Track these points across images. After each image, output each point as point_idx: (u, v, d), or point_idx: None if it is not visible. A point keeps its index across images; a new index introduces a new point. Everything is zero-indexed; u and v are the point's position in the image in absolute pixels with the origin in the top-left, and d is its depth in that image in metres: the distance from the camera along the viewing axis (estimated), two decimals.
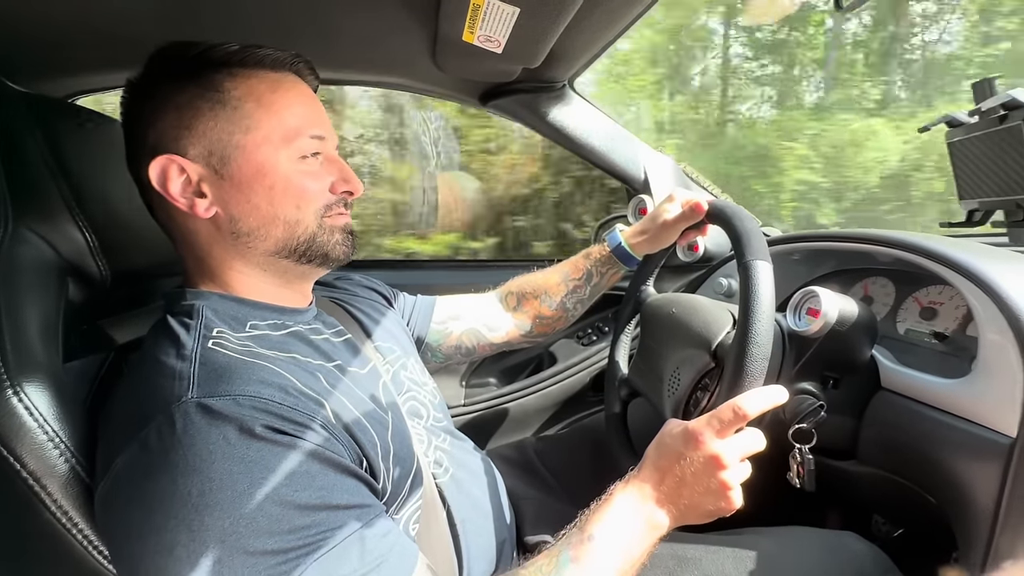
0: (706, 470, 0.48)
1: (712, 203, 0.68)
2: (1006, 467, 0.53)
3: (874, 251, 0.78)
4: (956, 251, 0.65)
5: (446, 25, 0.68)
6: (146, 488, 0.38)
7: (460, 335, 0.84)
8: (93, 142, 0.61)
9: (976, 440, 0.56)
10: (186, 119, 0.49)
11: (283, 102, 0.52)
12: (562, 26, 0.67)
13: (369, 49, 0.83)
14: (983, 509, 0.55)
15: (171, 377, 0.42)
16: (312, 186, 0.53)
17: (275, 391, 0.43)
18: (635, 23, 0.76)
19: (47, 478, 0.43)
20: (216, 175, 0.50)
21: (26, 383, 0.44)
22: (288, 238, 0.53)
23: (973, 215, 0.87)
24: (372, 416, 0.51)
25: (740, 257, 0.55)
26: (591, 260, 0.85)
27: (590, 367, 1.19)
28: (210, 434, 0.38)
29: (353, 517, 0.41)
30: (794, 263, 0.93)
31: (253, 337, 0.50)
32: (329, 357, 0.54)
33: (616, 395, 0.80)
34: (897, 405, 0.66)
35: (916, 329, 0.77)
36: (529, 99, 0.98)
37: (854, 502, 0.85)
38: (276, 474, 0.38)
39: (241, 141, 0.50)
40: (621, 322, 0.83)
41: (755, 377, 0.51)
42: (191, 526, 0.37)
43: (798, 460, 0.62)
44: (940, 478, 0.60)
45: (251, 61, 0.52)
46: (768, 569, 0.57)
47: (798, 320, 0.67)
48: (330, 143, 0.55)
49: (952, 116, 0.83)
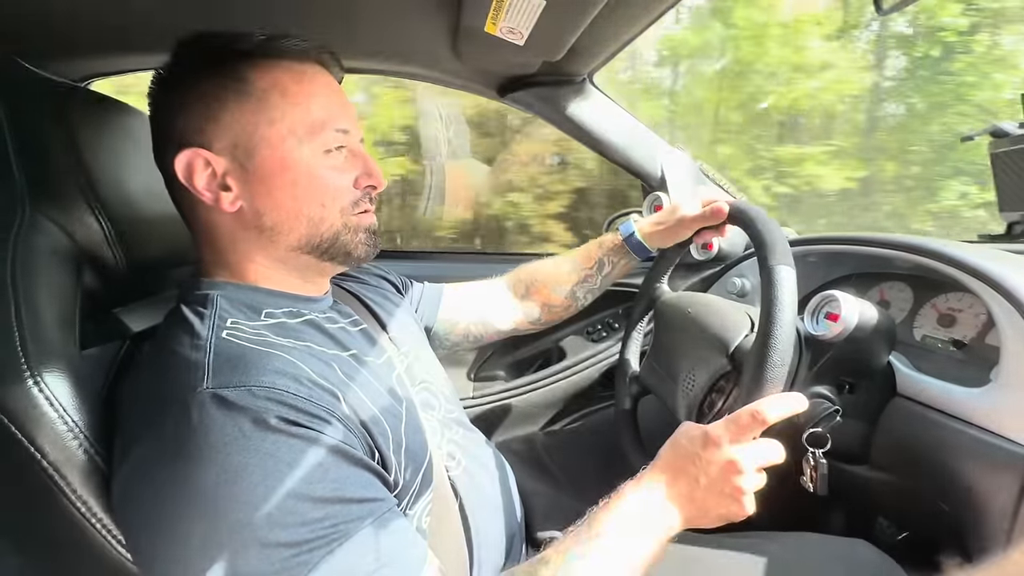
0: (721, 474, 0.48)
1: (734, 205, 0.67)
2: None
3: (892, 255, 0.77)
4: (979, 258, 0.64)
5: (469, 15, 0.67)
6: (162, 478, 0.39)
7: (468, 324, 0.84)
8: (111, 130, 0.60)
9: (994, 450, 0.56)
10: (212, 110, 0.49)
11: (307, 93, 0.51)
12: (587, 20, 0.66)
13: (390, 38, 0.82)
14: (999, 519, 0.55)
15: (186, 367, 0.42)
16: (336, 181, 0.53)
17: (290, 381, 0.42)
18: (659, 18, 0.75)
19: (67, 467, 0.43)
20: (241, 168, 0.50)
21: (45, 372, 0.44)
22: (312, 235, 0.52)
23: (1014, 227, 0.85)
24: (387, 409, 0.50)
25: (764, 262, 0.55)
26: (603, 249, 0.85)
27: (599, 363, 1.19)
28: (225, 425, 0.39)
29: (366, 511, 0.41)
30: (811, 265, 0.93)
31: (268, 326, 0.49)
32: (345, 346, 0.54)
33: (627, 392, 0.80)
34: (913, 412, 0.66)
35: (933, 336, 0.76)
36: (548, 92, 0.97)
37: (861, 505, 0.85)
38: (290, 466, 0.38)
39: (266, 133, 0.49)
40: (634, 318, 0.83)
41: (775, 383, 0.51)
42: (206, 517, 0.37)
43: (811, 464, 0.62)
44: (955, 487, 0.60)
45: (276, 51, 0.51)
46: (779, 574, 0.57)
47: (816, 324, 0.67)
48: (354, 136, 0.54)
49: (997, 126, 0.81)
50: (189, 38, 0.51)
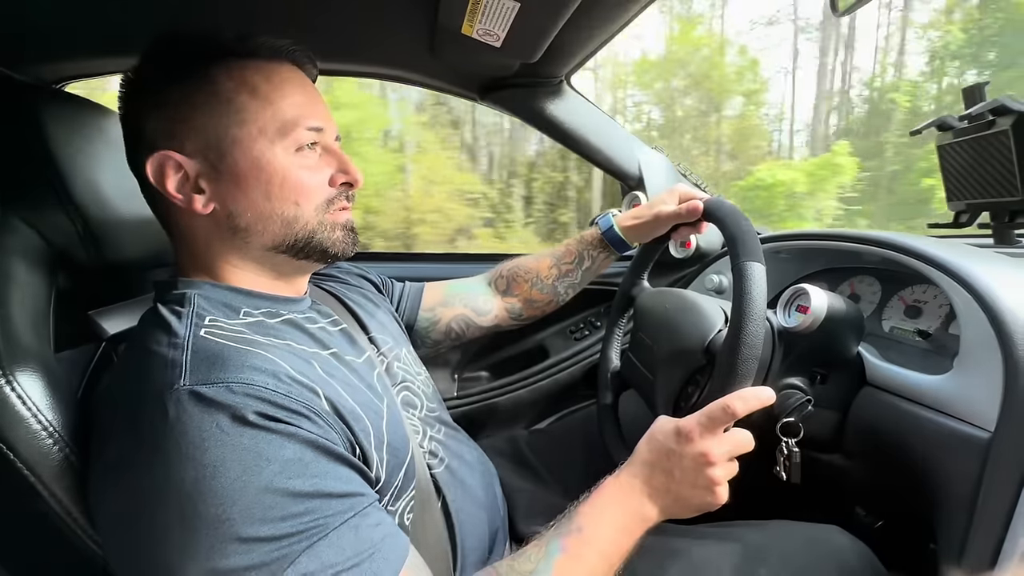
0: (695, 466, 0.49)
1: (709, 202, 0.69)
2: (984, 460, 0.54)
3: (861, 250, 0.80)
4: (940, 251, 0.67)
5: (445, 17, 0.68)
6: (140, 476, 0.38)
7: (449, 320, 0.85)
8: (85, 131, 0.60)
9: (956, 434, 0.58)
10: (182, 113, 0.49)
11: (278, 92, 0.51)
12: (561, 22, 0.67)
13: (368, 40, 0.82)
14: (961, 501, 0.56)
15: (163, 365, 0.42)
16: (310, 180, 0.52)
17: (268, 377, 0.42)
18: (632, 20, 0.77)
19: (41, 467, 0.43)
20: (213, 170, 0.49)
21: (19, 373, 0.44)
22: (286, 234, 0.52)
23: (960, 216, 0.89)
24: (367, 406, 0.51)
25: (735, 258, 0.56)
26: (583, 243, 0.86)
27: (582, 361, 1.20)
28: (203, 422, 0.38)
29: (346, 506, 0.41)
30: (783, 261, 0.95)
31: (248, 324, 0.49)
32: (324, 345, 0.54)
33: (608, 387, 0.82)
34: (882, 400, 0.68)
35: (901, 327, 0.78)
36: (526, 94, 0.98)
37: (838, 494, 0.87)
38: (269, 462, 0.38)
39: (236, 135, 0.49)
40: (614, 315, 0.84)
41: (745, 377, 0.52)
42: (184, 513, 0.37)
43: (785, 453, 0.64)
44: (921, 471, 0.62)
45: (246, 51, 0.51)
46: (753, 560, 0.59)
47: (788, 317, 0.69)
48: (328, 133, 0.55)
49: (943, 119, 0.84)
50: (159, 40, 0.50)
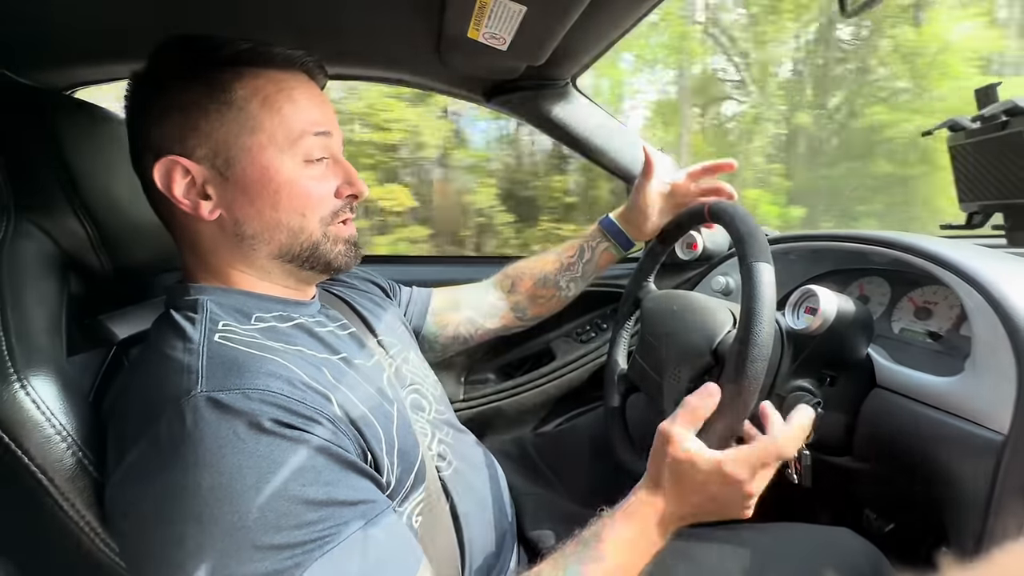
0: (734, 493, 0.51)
1: (715, 203, 0.69)
2: (997, 463, 0.54)
3: (870, 251, 0.79)
4: (952, 252, 0.66)
5: (452, 22, 0.68)
6: (157, 482, 0.39)
7: (457, 324, 0.85)
8: (94, 136, 0.60)
9: (969, 437, 0.57)
10: (192, 120, 0.48)
11: (289, 102, 0.51)
12: (567, 25, 0.67)
13: (375, 44, 0.83)
14: (975, 504, 0.56)
15: (179, 371, 0.42)
16: (317, 191, 0.53)
17: (283, 384, 0.43)
18: (639, 22, 0.77)
19: (54, 471, 0.43)
20: (221, 177, 0.50)
21: (32, 376, 0.44)
22: (291, 244, 0.53)
23: (973, 218, 0.88)
24: (377, 410, 0.51)
25: (743, 259, 0.56)
26: (583, 237, 0.87)
27: (589, 364, 1.20)
28: (220, 428, 0.39)
29: (359, 514, 0.41)
30: (791, 262, 0.95)
31: (260, 329, 0.50)
32: (334, 350, 0.54)
33: (615, 390, 0.81)
34: (892, 402, 0.67)
35: (911, 328, 0.78)
36: (533, 96, 0.98)
37: (847, 497, 0.86)
38: (284, 469, 0.39)
39: (246, 143, 0.49)
40: (621, 317, 0.84)
41: (755, 378, 0.52)
42: (200, 519, 0.37)
43: (795, 456, 0.64)
44: (933, 474, 0.61)
45: (260, 60, 0.51)
46: (763, 564, 0.58)
47: (796, 319, 0.68)
48: (335, 141, 0.55)
49: (954, 120, 0.84)
50: (169, 44, 0.50)
